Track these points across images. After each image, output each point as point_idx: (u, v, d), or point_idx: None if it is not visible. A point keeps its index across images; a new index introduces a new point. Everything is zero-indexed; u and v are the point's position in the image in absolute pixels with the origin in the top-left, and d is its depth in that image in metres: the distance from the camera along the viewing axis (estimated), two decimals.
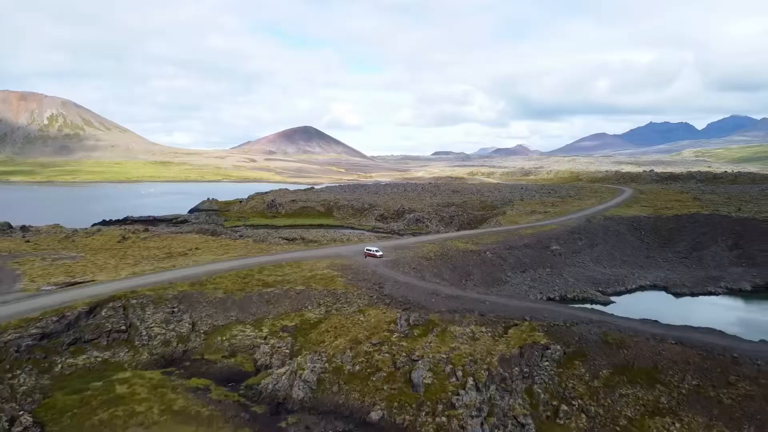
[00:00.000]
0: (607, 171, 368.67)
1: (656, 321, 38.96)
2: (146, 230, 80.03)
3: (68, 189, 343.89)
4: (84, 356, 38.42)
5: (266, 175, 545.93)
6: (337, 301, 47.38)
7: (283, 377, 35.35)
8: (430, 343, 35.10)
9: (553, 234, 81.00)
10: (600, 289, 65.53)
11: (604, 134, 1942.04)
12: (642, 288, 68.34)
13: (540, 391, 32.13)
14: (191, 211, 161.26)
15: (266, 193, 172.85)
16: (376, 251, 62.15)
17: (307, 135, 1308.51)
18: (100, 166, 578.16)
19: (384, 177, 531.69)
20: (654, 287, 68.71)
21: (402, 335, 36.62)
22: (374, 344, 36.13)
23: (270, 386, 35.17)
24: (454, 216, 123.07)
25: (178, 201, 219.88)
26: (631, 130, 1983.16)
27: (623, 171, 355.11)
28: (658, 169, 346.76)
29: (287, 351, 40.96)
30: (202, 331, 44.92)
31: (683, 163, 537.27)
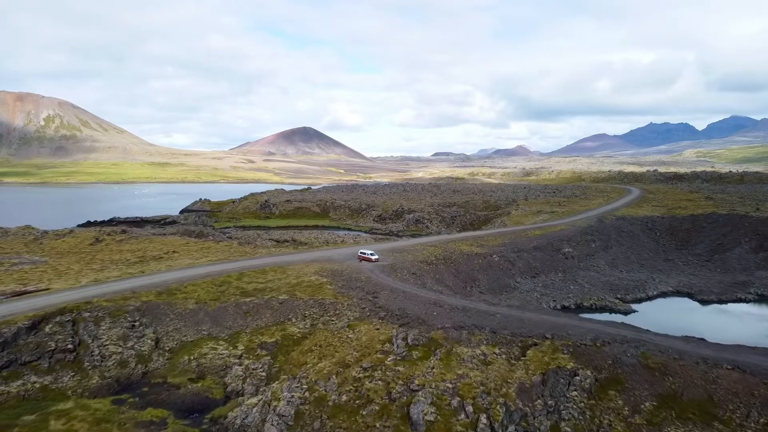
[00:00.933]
0: (609, 171, 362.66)
1: (702, 339, 32.78)
2: (123, 232, 73.91)
3: (61, 190, 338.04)
4: (19, 382, 32.24)
5: (264, 176, 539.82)
6: (325, 313, 41.19)
7: (255, 409, 29.17)
8: (433, 368, 28.91)
9: (563, 235, 74.83)
10: (618, 296, 59.35)
11: (604, 135, 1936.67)
12: (664, 294, 62.16)
13: (569, 430, 25.95)
14: (182, 212, 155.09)
15: (261, 193, 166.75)
16: (371, 254, 56.01)
17: (306, 136, 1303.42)
18: (97, 167, 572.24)
19: (384, 178, 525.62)
20: (677, 293, 62.54)
21: (399, 358, 30.43)
22: (365, 369, 29.96)
23: (238, 421, 28.99)
24: (456, 216, 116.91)
25: (171, 202, 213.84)
26: (631, 130, 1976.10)
27: (626, 171, 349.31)
28: (661, 170, 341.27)
29: (263, 374, 34.77)
30: (167, 349, 38.78)
31: (685, 164, 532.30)
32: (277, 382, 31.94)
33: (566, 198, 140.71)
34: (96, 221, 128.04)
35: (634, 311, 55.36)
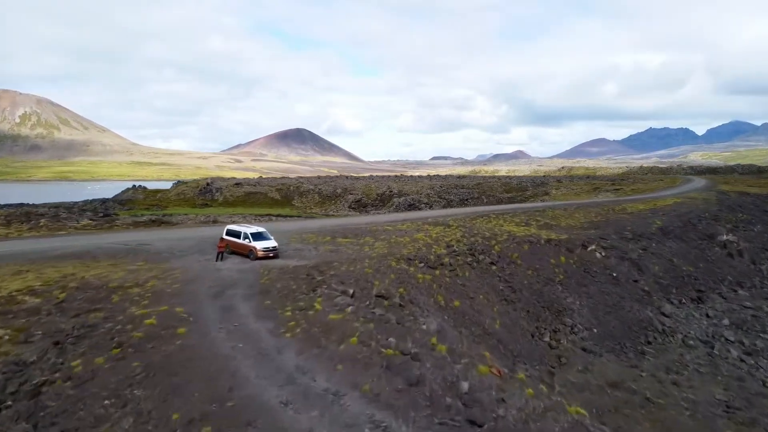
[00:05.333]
0: (627, 167, 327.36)
1: None
2: None
3: (9, 186, 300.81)
4: None
5: (251, 175, 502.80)
6: None
7: None
8: None
9: (702, 211, 37.66)
10: None
11: (603, 139, 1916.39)
12: None
13: None
14: (113, 200, 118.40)
15: (205, 178, 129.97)
16: (253, 237, 18.60)
17: (300, 138, 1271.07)
18: (71, 166, 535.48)
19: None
20: None
21: None
22: None
23: None
24: (467, 199, 79.80)
25: (113, 193, 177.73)
26: (631, 135, 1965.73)
27: (647, 166, 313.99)
28: (684, 165, 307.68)
29: None
30: None
31: (695, 165, 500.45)
32: None
33: (611, 182, 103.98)
34: None
35: None
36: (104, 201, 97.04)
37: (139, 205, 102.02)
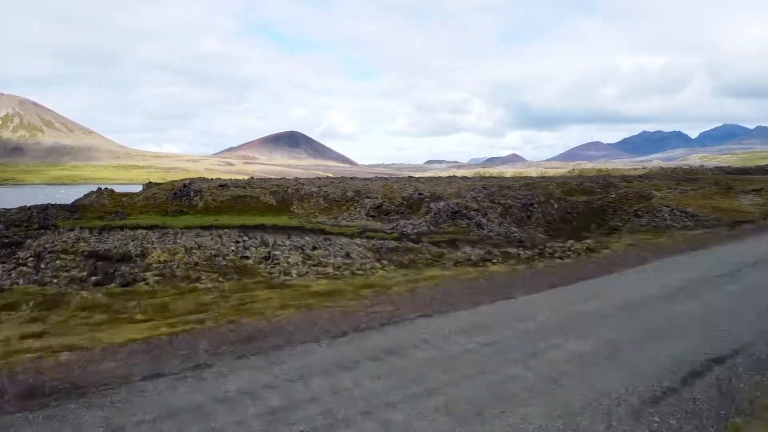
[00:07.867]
0: (643, 168, 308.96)
1: None
2: None
3: None
4: None
5: (241, 179, 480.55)
6: None
7: None
8: None
9: None
10: None
11: (598, 143, 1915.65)
12: None
13: None
14: (70, 205, 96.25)
15: (183, 180, 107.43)
16: None
17: (293, 141, 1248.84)
18: (53, 169, 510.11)
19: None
20: None
21: None
22: None
23: None
24: (530, 205, 58.34)
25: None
26: (624, 138, 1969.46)
27: (666, 165, 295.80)
28: (706, 165, 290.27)
29: None
30: None
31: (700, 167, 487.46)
32: None
33: (716, 183, 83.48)
34: None
35: None
36: (45, 208, 74.68)
37: (95, 212, 79.24)
